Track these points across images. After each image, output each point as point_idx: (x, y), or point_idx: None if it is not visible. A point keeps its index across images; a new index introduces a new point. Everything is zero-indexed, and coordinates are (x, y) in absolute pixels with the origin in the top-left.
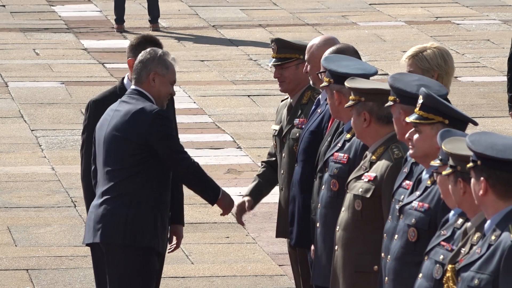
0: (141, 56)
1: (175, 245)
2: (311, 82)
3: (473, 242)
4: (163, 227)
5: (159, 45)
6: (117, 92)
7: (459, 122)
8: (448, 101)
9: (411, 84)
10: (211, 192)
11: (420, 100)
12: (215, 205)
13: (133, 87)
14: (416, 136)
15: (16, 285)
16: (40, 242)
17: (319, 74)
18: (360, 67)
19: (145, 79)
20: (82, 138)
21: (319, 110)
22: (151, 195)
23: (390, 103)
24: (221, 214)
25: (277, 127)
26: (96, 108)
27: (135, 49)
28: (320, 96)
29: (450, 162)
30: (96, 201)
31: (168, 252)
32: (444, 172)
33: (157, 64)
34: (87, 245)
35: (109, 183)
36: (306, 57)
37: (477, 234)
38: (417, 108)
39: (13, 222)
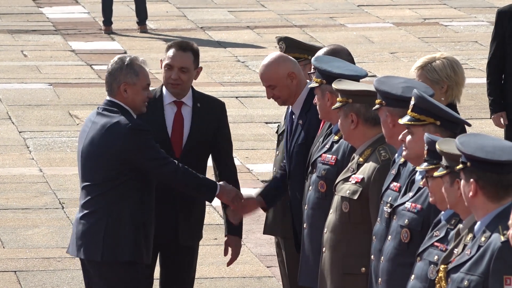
0: (110, 66)
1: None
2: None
3: (466, 243)
4: (147, 238)
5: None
6: None
7: (451, 123)
8: (456, 109)
9: (396, 86)
10: (205, 189)
11: (412, 102)
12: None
13: (108, 98)
14: (408, 137)
15: (4, 287)
16: (28, 244)
17: (310, 75)
18: (351, 69)
19: (116, 91)
20: None
21: (300, 122)
22: (130, 208)
23: (377, 106)
24: (233, 213)
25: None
26: None
27: None
28: (291, 108)
29: (445, 162)
30: (77, 215)
31: (227, 265)
32: (436, 173)
33: (125, 74)
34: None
35: (86, 197)
36: (267, 83)
37: (470, 235)
38: (409, 110)
39: (1, 224)
